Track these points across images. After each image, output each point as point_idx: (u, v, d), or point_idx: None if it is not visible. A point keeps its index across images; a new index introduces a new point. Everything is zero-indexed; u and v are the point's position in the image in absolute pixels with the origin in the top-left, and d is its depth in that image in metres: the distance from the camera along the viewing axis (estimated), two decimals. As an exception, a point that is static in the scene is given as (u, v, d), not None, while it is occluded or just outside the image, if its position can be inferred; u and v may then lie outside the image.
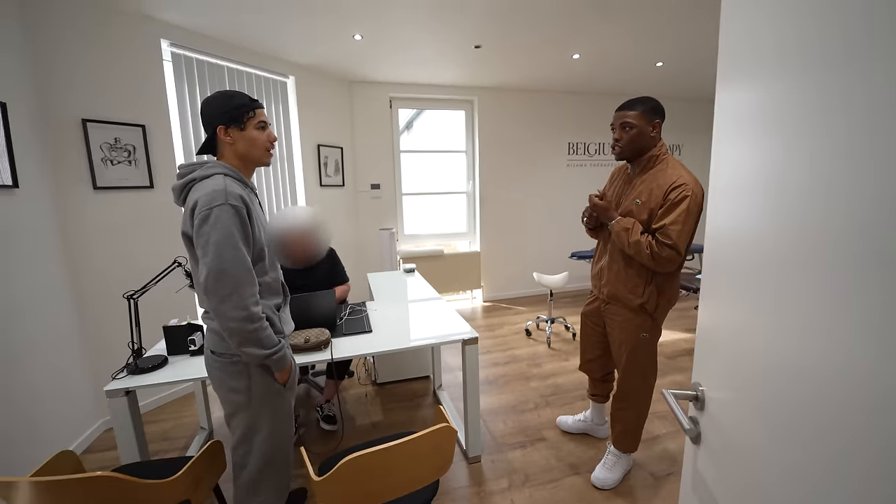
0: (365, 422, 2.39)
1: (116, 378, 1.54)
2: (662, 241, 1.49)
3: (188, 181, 1.14)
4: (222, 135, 1.16)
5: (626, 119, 1.56)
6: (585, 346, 1.97)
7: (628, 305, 1.66)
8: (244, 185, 1.20)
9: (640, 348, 1.68)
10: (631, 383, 1.75)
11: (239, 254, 1.07)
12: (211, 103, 1.16)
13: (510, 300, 4.83)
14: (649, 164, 1.59)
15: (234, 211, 1.08)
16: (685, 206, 1.47)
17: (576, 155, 4.93)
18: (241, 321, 1.07)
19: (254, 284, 1.11)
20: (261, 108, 1.21)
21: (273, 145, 1.25)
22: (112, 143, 2.31)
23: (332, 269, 2.48)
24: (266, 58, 3.15)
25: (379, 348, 1.76)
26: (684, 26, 2.88)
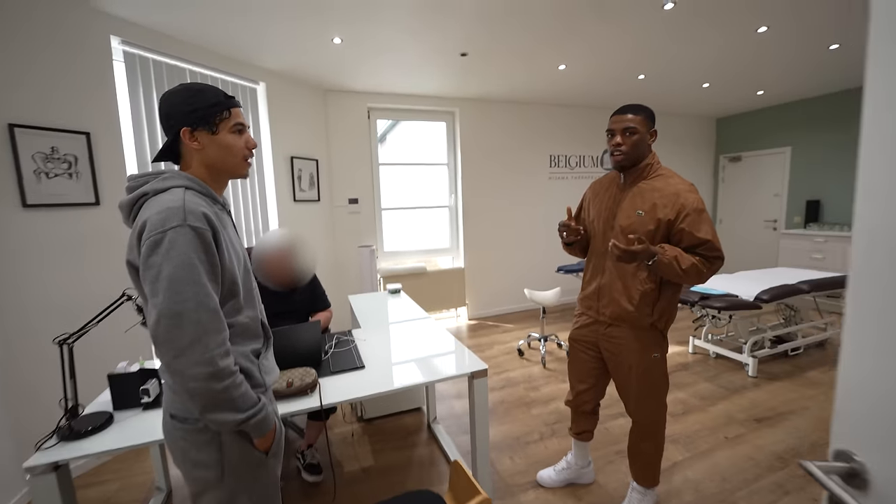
0: (354, 467, 2.10)
1: (42, 448, 1.21)
2: (712, 255, 1.39)
3: (138, 196, 0.88)
4: (187, 139, 0.91)
5: (629, 123, 1.45)
6: (578, 375, 1.76)
7: (637, 325, 1.52)
8: (213, 201, 0.95)
9: (653, 369, 1.55)
10: (647, 410, 1.60)
11: (201, 290, 0.81)
12: (173, 99, 0.92)
13: (496, 317, 4.66)
14: (644, 172, 1.50)
15: (196, 234, 0.83)
16: (707, 215, 1.41)
17: (557, 167, 4.89)
18: (206, 380, 0.81)
19: (221, 330, 0.85)
20: (238, 108, 0.98)
21: (252, 153, 1.01)
22: (48, 152, 1.96)
23: (313, 294, 2.21)
24: (234, 62, 2.88)
25: (377, 388, 1.51)
26: (666, 40, 2.88)
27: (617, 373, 1.62)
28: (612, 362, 1.63)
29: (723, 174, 5.90)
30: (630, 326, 1.54)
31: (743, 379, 2.87)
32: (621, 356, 1.58)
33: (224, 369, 0.83)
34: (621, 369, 1.59)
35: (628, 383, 1.58)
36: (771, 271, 3.56)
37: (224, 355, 0.84)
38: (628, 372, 1.57)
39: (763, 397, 2.61)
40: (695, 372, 3.01)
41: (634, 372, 1.55)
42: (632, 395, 1.59)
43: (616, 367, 1.61)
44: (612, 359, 1.61)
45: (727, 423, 2.34)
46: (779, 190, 5.19)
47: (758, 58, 3.33)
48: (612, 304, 1.55)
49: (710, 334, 3.34)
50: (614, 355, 1.60)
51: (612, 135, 1.49)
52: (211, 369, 0.81)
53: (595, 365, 1.70)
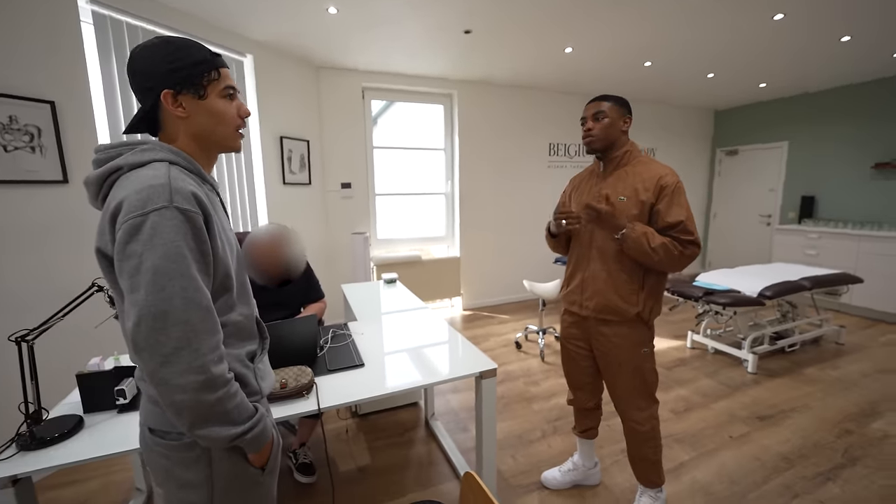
0: (349, 466, 2.00)
1: (1, 458, 1.06)
2: (685, 238, 1.37)
3: (110, 171, 0.72)
4: (170, 104, 0.75)
5: (599, 109, 1.48)
6: (573, 374, 1.74)
7: (623, 317, 1.49)
8: (201, 179, 0.80)
9: (644, 365, 1.53)
10: (640, 407, 1.55)
11: (190, 285, 0.68)
12: (150, 54, 0.75)
13: (492, 307, 4.57)
14: (624, 160, 1.50)
15: (185, 218, 0.68)
16: (684, 197, 1.42)
17: (556, 156, 4.77)
18: (197, 391, 0.67)
19: (215, 332, 0.72)
20: (226, 68, 0.82)
21: (245, 122, 0.86)
22: (5, 122, 1.75)
23: (307, 284, 2.07)
24: (219, 30, 2.64)
25: (379, 389, 1.39)
26: (681, 23, 2.75)
27: (608, 371, 1.59)
28: (602, 361, 1.60)
29: (719, 168, 5.87)
30: (616, 320, 1.50)
31: (742, 375, 2.85)
32: (611, 354, 1.55)
33: (218, 377, 0.70)
34: (613, 367, 1.57)
35: (619, 380, 1.56)
36: (770, 267, 3.54)
37: (218, 361, 0.71)
38: (618, 369, 1.55)
39: (764, 395, 2.58)
40: (694, 367, 2.98)
41: (625, 368, 1.53)
42: (624, 393, 1.57)
43: (607, 365, 1.59)
44: (603, 358, 1.59)
45: (730, 420, 2.30)
46: (774, 185, 5.18)
47: (769, 47, 3.23)
48: (597, 295, 1.52)
49: (708, 329, 3.31)
50: (605, 354, 1.57)
51: (584, 122, 1.52)
52: (203, 378, 0.68)
53: (589, 363, 1.67)
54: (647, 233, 1.38)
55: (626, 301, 1.47)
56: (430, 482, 1.87)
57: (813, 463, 1.94)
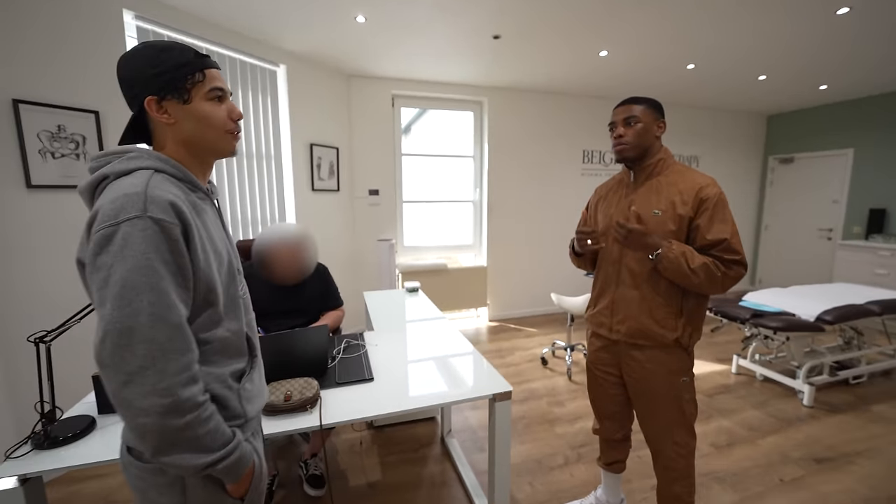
0: (360, 481, 1.94)
1: (13, 456, 1.09)
2: (729, 258, 1.22)
3: (98, 180, 0.71)
4: (154, 111, 0.73)
5: (630, 113, 1.34)
6: (600, 402, 1.59)
7: (659, 343, 1.33)
8: (191, 186, 0.77)
9: (681, 394, 1.36)
10: (676, 442, 1.38)
11: (160, 300, 0.64)
12: (133, 61, 0.73)
13: (519, 320, 4.43)
14: (657, 169, 1.36)
15: (159, 229, 0.65)
16: (728, 211, 1.27)
17: (591, 164, 4.58)
18: (162, 415, 0.63)
19: (186, 351, 0.68)
20: (214, 69, 0.79)
21: (238, 125, 0.83)
22: (54, 131, 1.86)
23: (325, 291, 2.05)
24: (253, 42, 2.74)
25: (384, 408, 1.33)
26: (723, 23, 2.54)
27: (640, 400, 1.43)
28: (634, 388, 1.44)
29: (771, 176, 5.42)
30: (651, 346, 1.35)
31: (796, 408, 2.55)
32: (646, 382, 1.39)
33: (186, 401, 0.66)
34: (646, 397, 1.41)
35: (654, 412, 1.40)
36: (830, 287, 3.19)
37: (187, 383, 0.66)
38: (652, 399, 1.39)
39: (822, 432, 2.29)
40: (739, 396, 2.71)
41: (661, 399, 1.37)
42: (658, 426, 1.40)
43: (639, 394, 1.43)
44: (636, 385, 1.43)
45: (781, 461, 2.05)
46: (838, 196, 4.71)
47: (830, 45, 2.93)
48: (629, 319, 1.37)
49: (757, 354, 3.01)
50: (638, 381, 1.41)
51: (613, 127, 1.39)
52: (168, 401, 0.64)
53: (618, 391, 1.52)
54: (686, 252, 1.24)
55: (662, 326, 1.32)
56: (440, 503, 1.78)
57: (884, 519, 1.68)
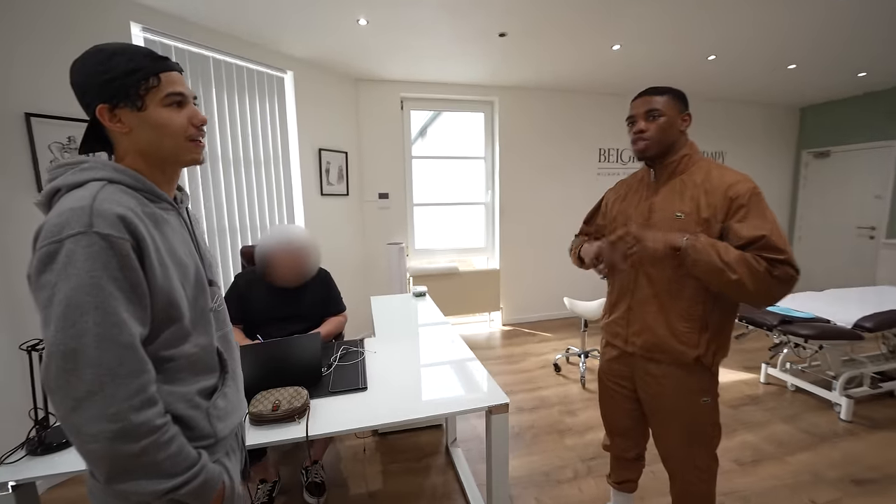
0: (360, 490, 1.91)
1: (7, 462, 1.10)
2: (772, 257, 1.04)
3: (51, 192, 0.68)
4: (107, 120, 0.70)
5: (652, 105, 1.20)
6: (612, 417, 1.47)
7: (678, 360, 1.20)
8: (150, 197, 0.73)
9: (702, 417, 1.23)
10: (696, 466, 1.26)
11: (106, 320, 0.61)
12: (83, 67, 0.70)
13: (533, 324, 4.31)
14: (681, 166, 1.22)
15: (107, 245, 0.62)
16: (765, 206, 1.11)
17: (607, 162, 4.43)
18: (112, 440, 0.60)
19: (139, 373, 0.64)
20: (171, 71, 0.74)
21: (202, 131, 0.78)
22: (64, 142, 1.93)
23: (327, 296, 2.03)
24: (260, 49, 2.77)
25: (373, 420, 1.29)
26: (744, 11, 2.38)
27: (655, 418, 1.32)
28: (649, 405, 1.32)
29: (805, 172, 5.09)
30: (669, 362, 1.22)
31: (832, 423, 2.35)
32: (662, 399, 1.27)
33: (141, 426, 0.62)
34: (662, 415, 1.29)
35: (671, 432, 1.28)
36: (872, 290, 2.94)
37: (141, 407, 0.63)
38: (670, 419, 1.27)
39: (862, 451, 2.09)
40: (768, 408, 2.52)
41: (678, 419, 1.25)
42: (675, 449, 1.28)
43: (655, 411, 1.31)
44: (651, 402, 1.31)
45: (814, 481, 1.88)
46: (881, 191, 4.37)
47: (869, 27, 2.71)
48: (646, 331, 1.25)
49: (788, 362, 2.80)
50: (653, 398, 1.29)
51: (632, 121, 1.26)
52: (118, 427, 0.60)
53: (632, 406, 1.39)
54: (718, 244, 1.07)
55: (682, 342, 1.19)
56: (440, 518, 1.72)
57: (932, 551, 1.50)
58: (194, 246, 0.82)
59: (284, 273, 1.80)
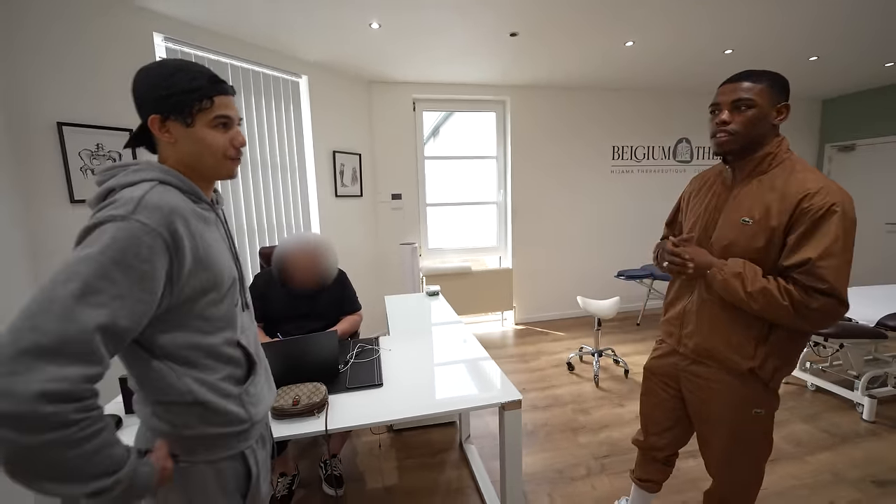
0: (377, 484, 1.96)
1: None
2: (810, 285, 0.97)
3: (105, 192, 0.73)
4: (156, 129, 0.76)
5: (742, 94, 1.05)
6: (653, 415, 1.41)
7: (731, 369, 1.14)
8: (195, 199, 0.79)
9: (751, 427, 1.15)
10: (738, 476, 1.23)
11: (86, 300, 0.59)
12: (144, 78, 0.76)
13: (546, 323, 4.31)
14: (762, 165, 1.10)
15: (137, 233, 0.65)
16: (837, 225, 0.97)
17: (621, 160, 4.38)
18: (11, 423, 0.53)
19: (78, 361, 0.58)
20: (224, 95, 0.79)
21: (240, 151, 0.84)
22: (93, 149, 2.01)
23: (342, 296, 2.08)
24: (276, 55, 2.83)
25: (389, 415, 1.32)
26: (762, 2, 2.33)
27: (701, 423, 1.26)
28: (694, 408, 1.27)
29: (829, 167, 4.95)
30: (720, 368, 1.16)
31: (855, 423, 2.30)
32: (709, 404, 1.20)
33: (52, 415, 0.54)
34: (708, 421, 1.22)
35: (715, 440, 1.22)
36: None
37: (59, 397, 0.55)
38: (717, 426, 1.20)
39: (885, 452, 2.05)
40: (787, 407, 2.48)
41: (727, 428, 1.18)
42: (718, 456, 1.23)
43: (700, 415, 1.25)
44: (696, 404, 1.25)
45: (834, 482, 1.85)
46: (908, 185, 4.22)
47: (891, 16, 2.63)
48: (699, 334, 1.19)
49: (808, 361, 2.75)
50: (700, 401, 1.24)
51: (716, 110, 1.11)
52: (24, 409, 0.53)
53: (675, 405, 1.34)
54: (745, 273, 1.04)
55: (737, 352, 1.11)
56: (455, 513, 1.75)
57: (958, 554, 1.47)
58: (228, 244, 0.88)
59: (302, 279, 1.82)
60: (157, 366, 0.74)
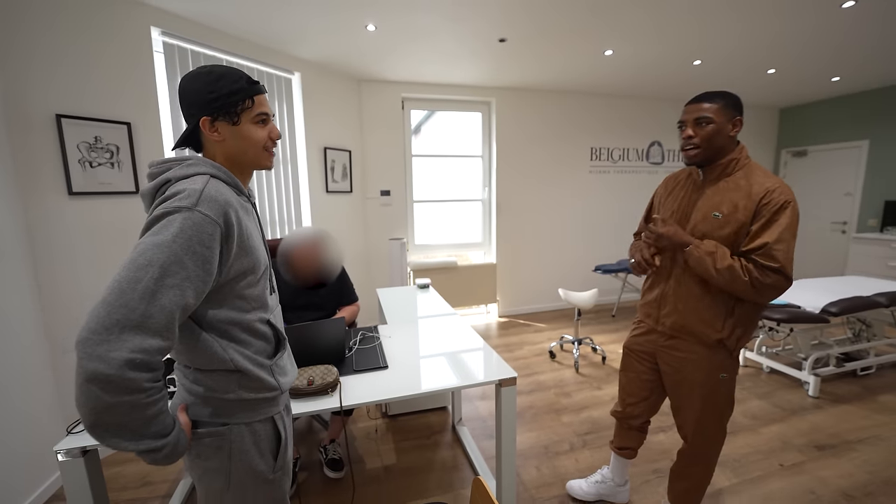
0: (376, 465, 2.07)
1: (74, 432, 1.24)
2: (765, 264, 1.18)
3: (161, 183, 0.82)
4: (207, 129, 0.86)
5: (702, 113, 1.27)
6: (630, 387, 1.62)
7: (703, 341, 1.35)
8: (238, 192, 0.89)
9: (718, 391, 1.38)
10: (706, 434, 1.44)
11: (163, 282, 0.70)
12: (193, 84, 0.85)
13: (528, 315, 4.51)
14: (728, 169, 1.30)
15: (200, 223, 0.75)
16: (787, 217, 1.20)
17: (599, 161, 4.62)
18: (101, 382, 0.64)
19: (158, 335, 0.69)
20: (261, 94, 0.91)
21: (275, 143, 0.95)
22: (91, 142, 2.03)
23: (340, 288, 2.18)
24: (270, 52, 2.88)
25: (399, 392, 1.44)
26: (725, 19, 2.58)
27: (675, 391, 1.47)
28: (670, 379, 1.47)
29: (784, 170, 5.38)
30: (694, 342, 1.37)
31: (802, 399, 2.59)
32: (684, 373, 1.41)
33: (132, 380, 0.66)
34: (682, 388, 1.43)
35: (688, 404, 1.43)
36: (840, 280, 3.19)
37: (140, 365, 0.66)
38: (690, 392, 1.41)
39: (826, 421, 2.33)
40: (745, 387, 2.76)
41: (698, 392, 1.39)
42: (691, 417, 1.43)
43: (675, 384, 1.46)
44: (673, 375, 1.45)
45: (783, 448, 2.11)
46: (851, 189, 4.66)
47: (839, 38, 2.94)
48: (675, 313, 1.40)
49: (763, 346, 3.05)
50: (675, 371, 1.44)
51: (682, 126, 1.32)
52: (112, 372, 0.64)
53: (650, 377, 1.55)
54: (717, 253, 1.24)
55: (708, 325, 1.33)
56: (451, 486, 1.89)
57: (881, 503, 1.73)
58: (260, 233, 0.98)
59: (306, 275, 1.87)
60: (205, 337, 0.84)
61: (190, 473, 0.92)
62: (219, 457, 0.87)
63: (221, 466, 0.88)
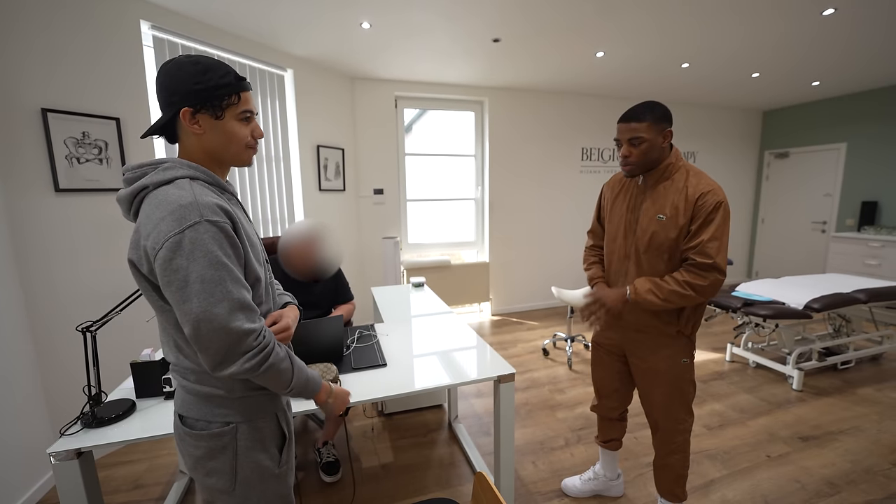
0: (373, 463, 2.07)
1: (67, 434, 1.21)
2: (701, 261, 1.29)
3: (138, 189, 0.80)
4: (187, 120, 0.81)
5: (634, 133, 1.34)
6: (602, 380, 1.70)
7: (664, 333, 1.46)
8: (220, 189, 0.87)
9: (681, 375, 1.47)
10: (676, 418, 1.51)
11: (234, 288, 0.78)
12: (176, 72, 0.81)
13: (521, 314, 4.55)
14: (666, 173, 1.39)
15: (217, 229, 0.76)
16: (720, 217, 1.30)
17: (589, 161, 4.69)
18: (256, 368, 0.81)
19: (254, 320, 0.81)
20: (248, 91, 0.87)
21: (257, 142, 0.92)
22: (79, 137, 1.97)
23: (336, 286, 2.17)
24: (262, 48, 2.84)
25: (399, 389, 1.45)
26: (713, 24, 2.65)
27: (643, 379, 1.54)
28: (637, 368, 1.55)
29: (767, 171, 5.53)
30: (657, 333, 1.47)
31: (786, 392, 2.67)
32: (648, 362, 1.50)
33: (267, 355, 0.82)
34: (648, 376, 1.52)
35: (655, 390, 1.51)
36: (821, 277, 3.30)
37: (261, 347, 0.81)
38: (655, 378, 1.50)
39: (809, 414, 2.41)
40: (732, 382, 2.83)
41: (663, 378, 1.48)
42: (659, 403, 1.51)
43: (642, 373, 1.54)
44: (639, 364, 1.54)
45: (769, 440, 2.17)
46: (830, 189, 4.82)
47: (819, 44, 3.04)
48: (634, 312, 1.48)
49: (750, 342, 3.13)
50: (641, 360, 1.52)
51: (618, 145, 1.40)
52: (256, 361, 0.80)
53: (619, 368, 1.63)
54: (653, 287, 1.34)
55: (665, 322, 1.43)
56: (449, 483, 1.90)
57: (862, 490, 1.80)
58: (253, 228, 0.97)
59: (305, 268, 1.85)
60: None
61: (193, 475, 0.91)
62: (224, 456, 0.87)
63: (227, 466, 0.87)
